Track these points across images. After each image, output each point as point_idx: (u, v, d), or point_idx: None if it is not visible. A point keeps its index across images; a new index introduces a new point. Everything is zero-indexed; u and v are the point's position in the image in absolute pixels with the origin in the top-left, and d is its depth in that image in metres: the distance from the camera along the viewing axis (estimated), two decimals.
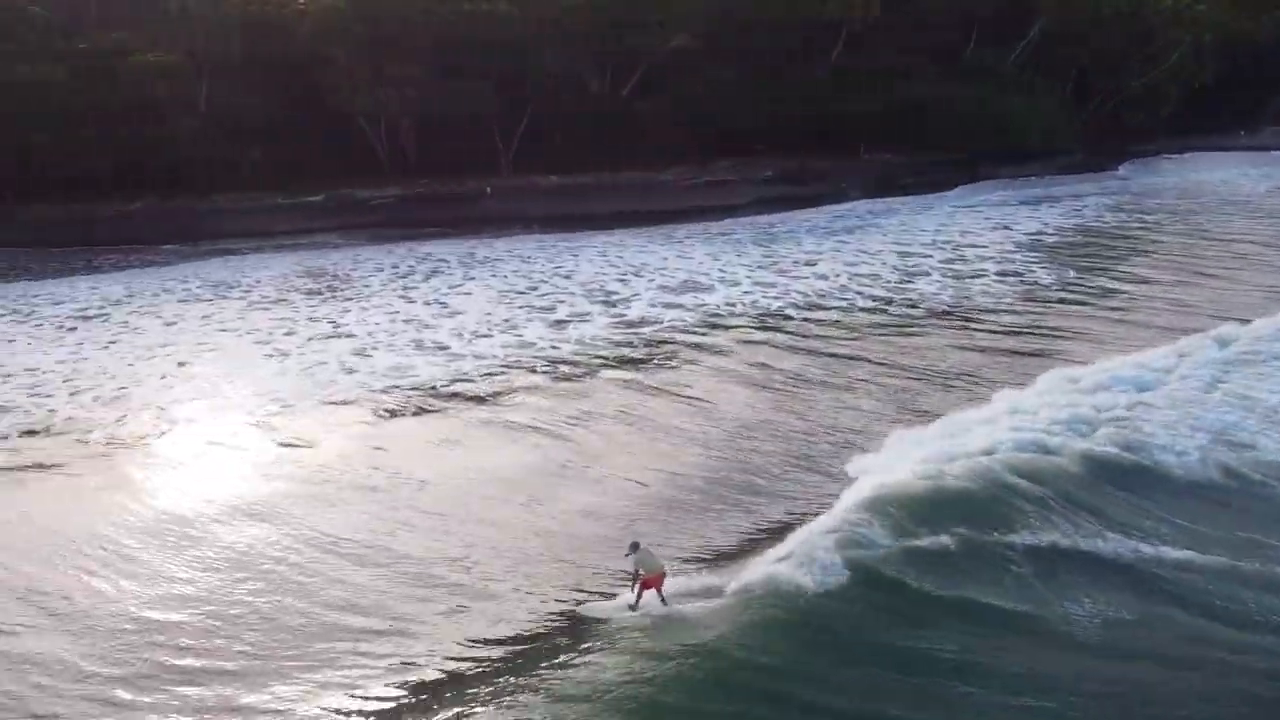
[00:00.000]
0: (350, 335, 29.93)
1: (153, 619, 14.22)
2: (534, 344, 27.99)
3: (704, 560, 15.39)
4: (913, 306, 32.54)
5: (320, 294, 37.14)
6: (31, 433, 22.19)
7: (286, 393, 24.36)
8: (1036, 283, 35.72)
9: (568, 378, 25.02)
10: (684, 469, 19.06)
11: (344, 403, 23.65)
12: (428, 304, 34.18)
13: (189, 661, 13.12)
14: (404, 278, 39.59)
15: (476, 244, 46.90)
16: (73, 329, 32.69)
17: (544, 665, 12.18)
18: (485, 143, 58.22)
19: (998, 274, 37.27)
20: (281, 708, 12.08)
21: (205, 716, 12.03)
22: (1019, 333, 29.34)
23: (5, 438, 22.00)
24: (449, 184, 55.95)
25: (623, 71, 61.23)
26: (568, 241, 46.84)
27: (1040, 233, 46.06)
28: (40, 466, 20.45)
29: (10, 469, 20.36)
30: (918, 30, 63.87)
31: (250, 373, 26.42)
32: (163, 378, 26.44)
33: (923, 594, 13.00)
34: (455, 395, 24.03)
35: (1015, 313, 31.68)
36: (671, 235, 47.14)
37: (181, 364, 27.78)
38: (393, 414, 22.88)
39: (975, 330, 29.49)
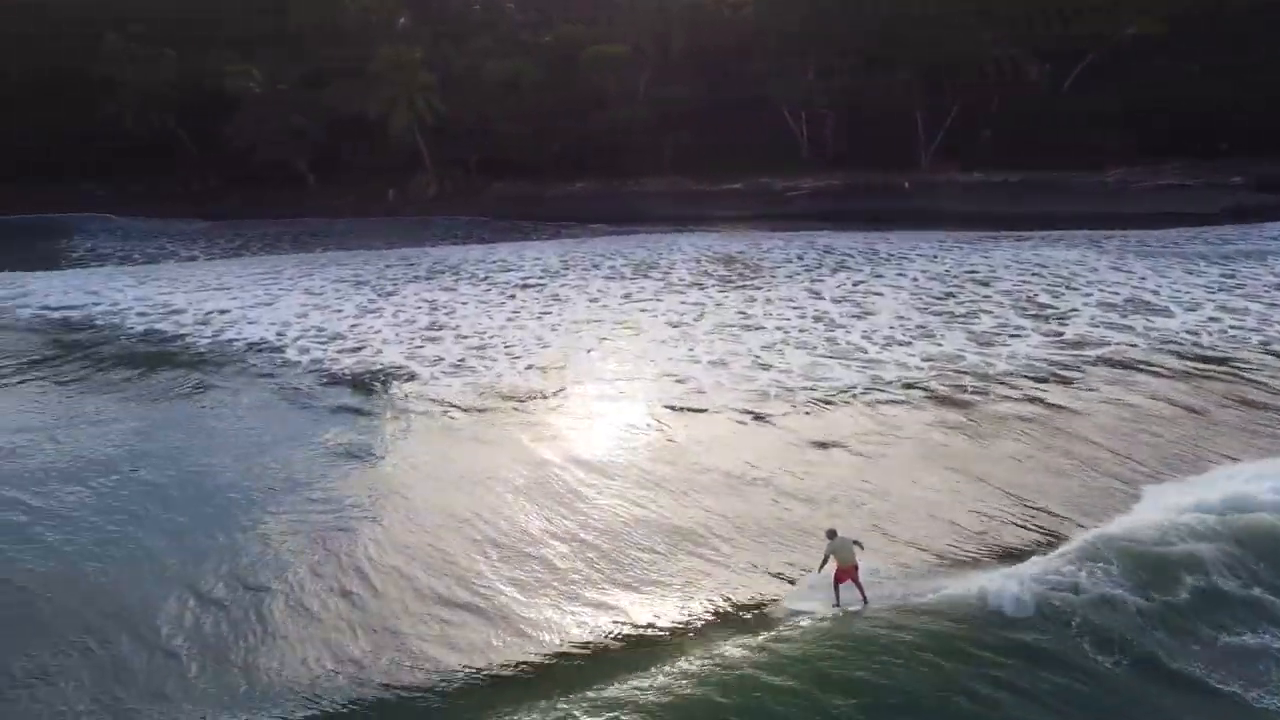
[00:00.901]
0: (759, 327, 29.65)
1: (545, 539, 16.01)
2: (960, 357, 25.64)
3: None
4: None
5: (731, 281, 37.43)
6: (479, 391, 24.32)
7: (702, 379, 24.36)
8: None
9: (1007, 398, 22.41)
10: None
11: (761, 395, 23.05)
12: (836, 301, 32.97)
13: (571, 573, 14.92)
14: (810, 271, 38.78)
15: (879, 240, 45.04)
16: (512, 296, 35.92)
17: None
18: (905, 136, 55.83)
19: None
20: (649, 613, 13.80)
21: (576, 612, 13.82)
22: None
23: (459, 394, 24.36)
24: (865, 177, 54.44)
25: (1065, 61, 55.59)
26: (975, 243, 43.37)
27: None
28: (480, 416, 22.28)
29: (457, 418, 22.43)
30: None
31: (664, 354, 27.00)
32: (588, 351, 27.83)
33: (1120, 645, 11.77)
34: (882, 402, 22.36)
35: None
36: (1099, 244, 41.82)
37: (603, 339, 29.21)
38: (811, 414, 21.83)
39: None
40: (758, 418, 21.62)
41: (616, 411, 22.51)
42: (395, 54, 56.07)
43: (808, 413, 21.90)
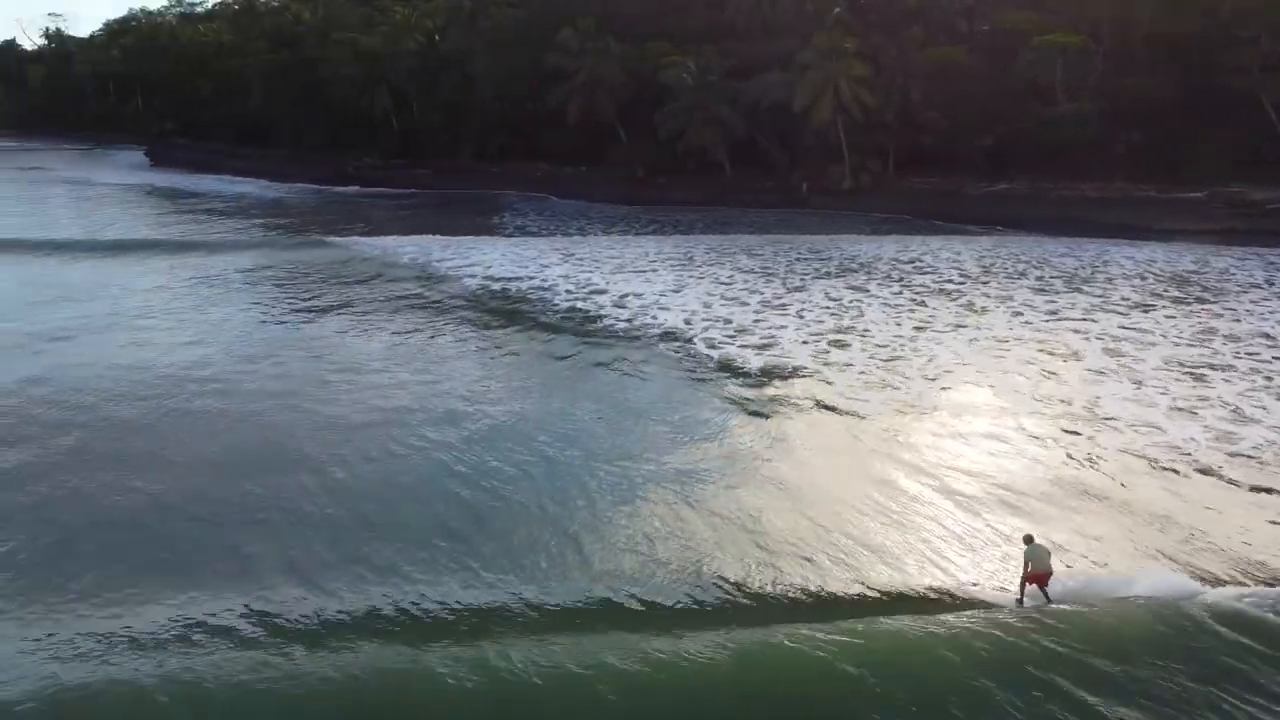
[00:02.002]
0: (1227, 367, 25.04)
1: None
2: None
3: None
4: None
5: (1185, 303, 32.39)
6: (895, 409, 22.92)
7: (1169, 431, 20.61)
8: None
9: None
10: None
11: (1259, 464, 19.03)
12: None
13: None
14: None
15: None
16: (923, 302, 33.87)
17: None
18: None
19: None
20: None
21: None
22: None
23: (875, 409, 23.29)
24: None
25: None
26: None
27: None
28: (895, 439, 21.08)
29: (866, 435, 21.43)
30: None
31: (1107, 391, 23.60)
32: (1016, 376, 25.12)
33: None
34: None
35: None
36: None
37: (1028, 362, 26.32)
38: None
39: None
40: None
41: (1061, 461, 19.68)
42: (829, 42, 55.47)
43: None
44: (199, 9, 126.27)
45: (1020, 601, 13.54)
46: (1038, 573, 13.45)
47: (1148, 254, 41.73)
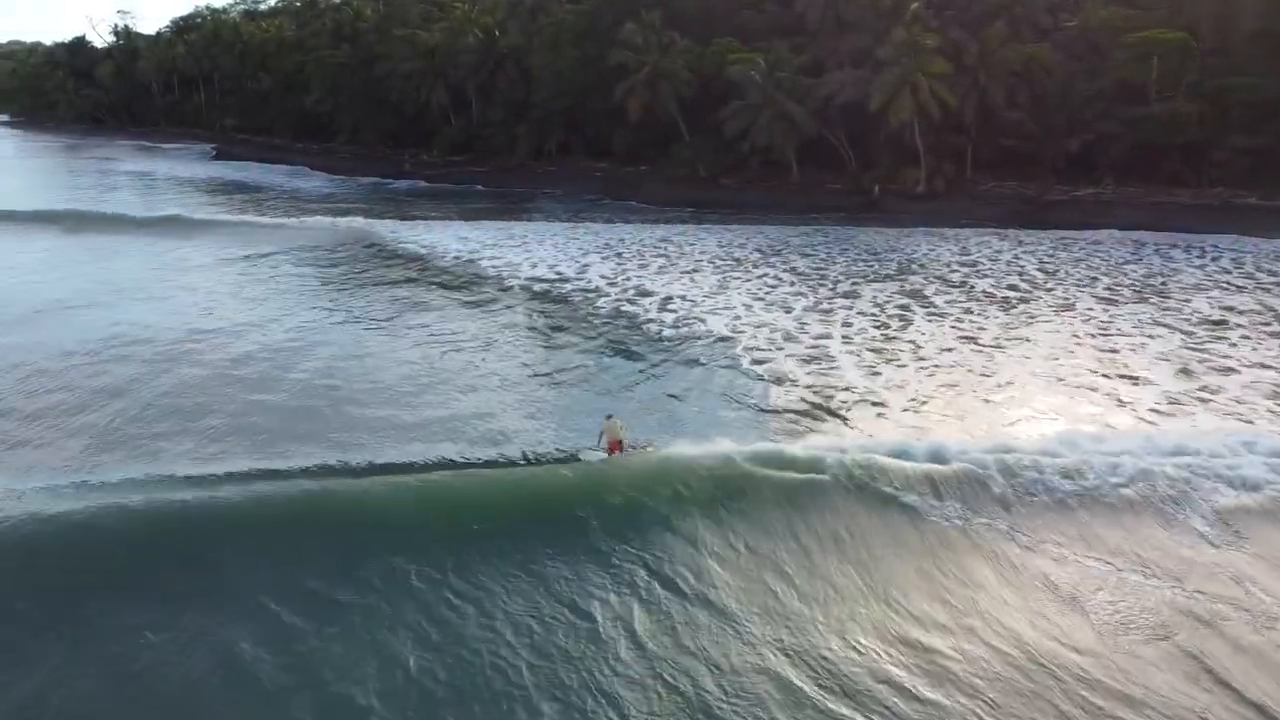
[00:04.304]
0: None
1: None
2: None
3: None
4: None
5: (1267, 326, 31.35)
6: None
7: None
8: None
9: None
10: None
11: None
12: None
13: None
14: None
15: None
16: (969, 310, 33.41)
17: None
18: None
19: None
20: None
21: None
22: None
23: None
24: None
25: None
26: None
27: None
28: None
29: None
30: None
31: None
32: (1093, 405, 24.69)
33: None
34: None
35: None
36: None
37: (1083, 387, 25.76)
38: None
39: None
40: None
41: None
42: (908, 38, 54.79)
43: None
44: (261, 6, 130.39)
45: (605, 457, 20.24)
46: (613, 441, 20.02)
47: (1238, 263, 40.52)
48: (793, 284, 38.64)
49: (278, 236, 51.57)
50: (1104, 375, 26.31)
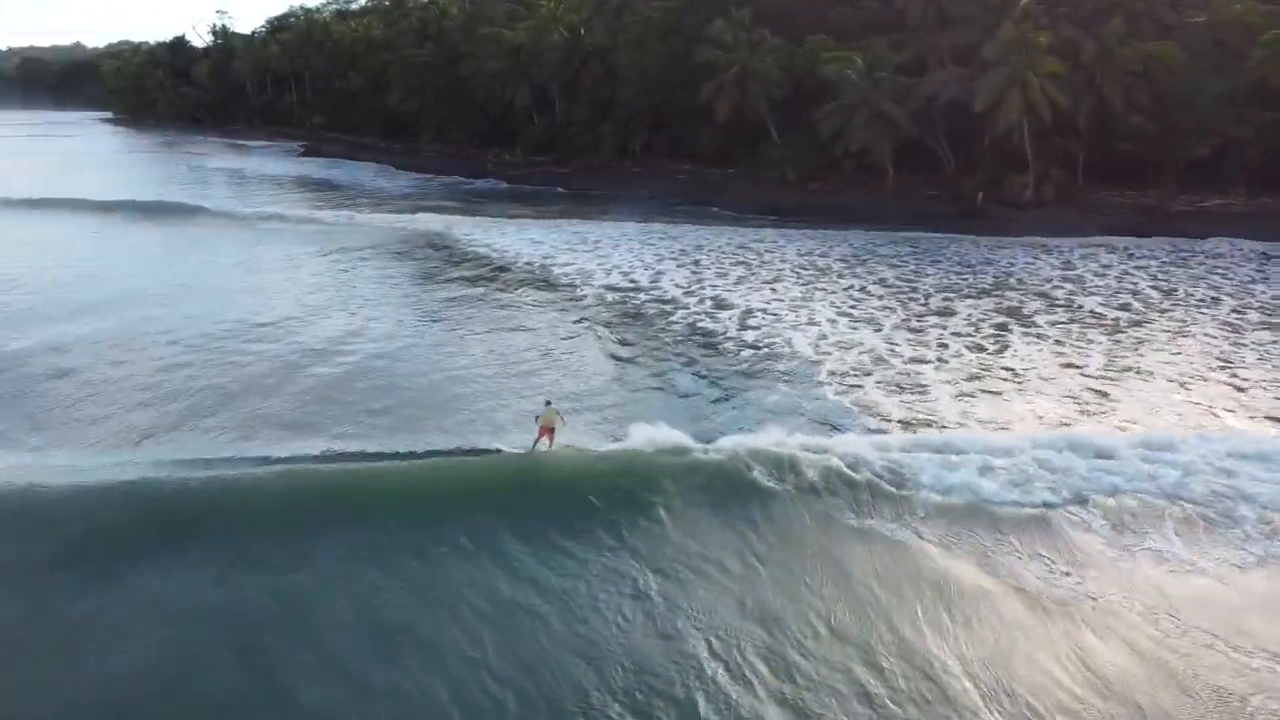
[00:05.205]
0: None
1: None
2: None
3: None
4: None
5: None
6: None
7: None
8: None
9: None
10: None
11: None
12: None
13: None
14: None
15: None
16: (1083, 333, 30.79)
17: None
18: None
19: None
20: None
21: None
22: None
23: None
24: None
25: None
26: None
27: None
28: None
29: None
30: None
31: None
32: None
33: None
34: None
35: None
36: None
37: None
38: None
39: None
40: None
41: None
42: (1018, 35, 51.86)
43: None
44: (353, 5, 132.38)
45: (530, 450, 20.89)
46: (546, 426, 20.56)
47: None
48: (881, 296, 36.67)
49: (349, 235, 52.68)
50: (1229, 411, 23.78)
